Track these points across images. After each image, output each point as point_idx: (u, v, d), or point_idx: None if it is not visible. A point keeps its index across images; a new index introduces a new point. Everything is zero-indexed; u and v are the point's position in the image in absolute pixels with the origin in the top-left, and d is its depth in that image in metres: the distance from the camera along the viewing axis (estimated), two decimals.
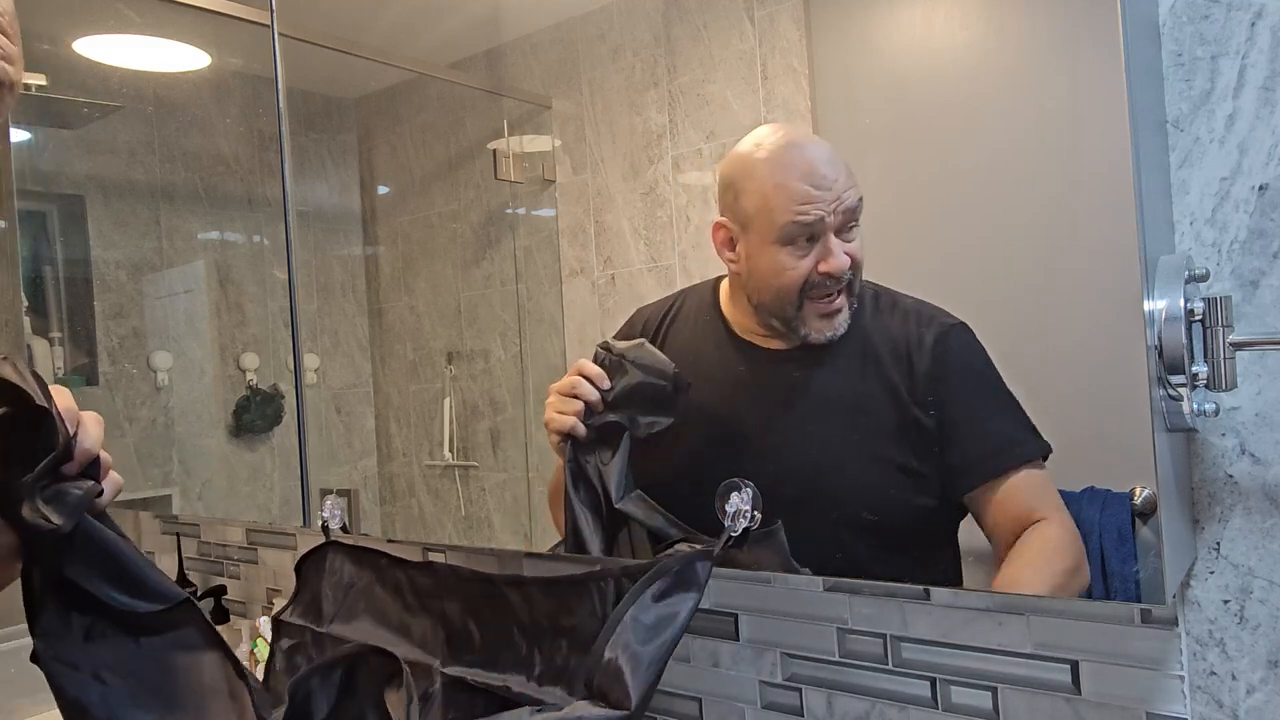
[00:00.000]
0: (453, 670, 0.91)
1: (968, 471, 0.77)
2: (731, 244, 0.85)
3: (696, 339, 0.90)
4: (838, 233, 0.79)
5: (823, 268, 0.79)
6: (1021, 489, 0.75)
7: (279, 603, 1.39)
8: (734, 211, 0.84)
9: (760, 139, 0.83)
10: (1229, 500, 0.75)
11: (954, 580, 0.80)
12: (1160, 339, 0.67)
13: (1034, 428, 0.72)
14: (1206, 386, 0.69)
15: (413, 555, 1.23)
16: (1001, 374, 0.74)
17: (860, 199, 0.79)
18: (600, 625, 0.81)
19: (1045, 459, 0.73)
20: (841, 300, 0.81)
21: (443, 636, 0.94)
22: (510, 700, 0.85)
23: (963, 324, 0.76)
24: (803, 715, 0.95)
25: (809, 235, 0.80)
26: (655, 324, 0.93)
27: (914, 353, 0.79)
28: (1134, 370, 0.66)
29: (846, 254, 0.79)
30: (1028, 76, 0.74)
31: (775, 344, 0.84)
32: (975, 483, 0.76)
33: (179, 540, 1.58)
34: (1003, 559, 0.75)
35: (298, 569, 1.10)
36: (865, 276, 0.81)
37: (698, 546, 0.77)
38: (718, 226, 0.85)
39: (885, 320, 0.80)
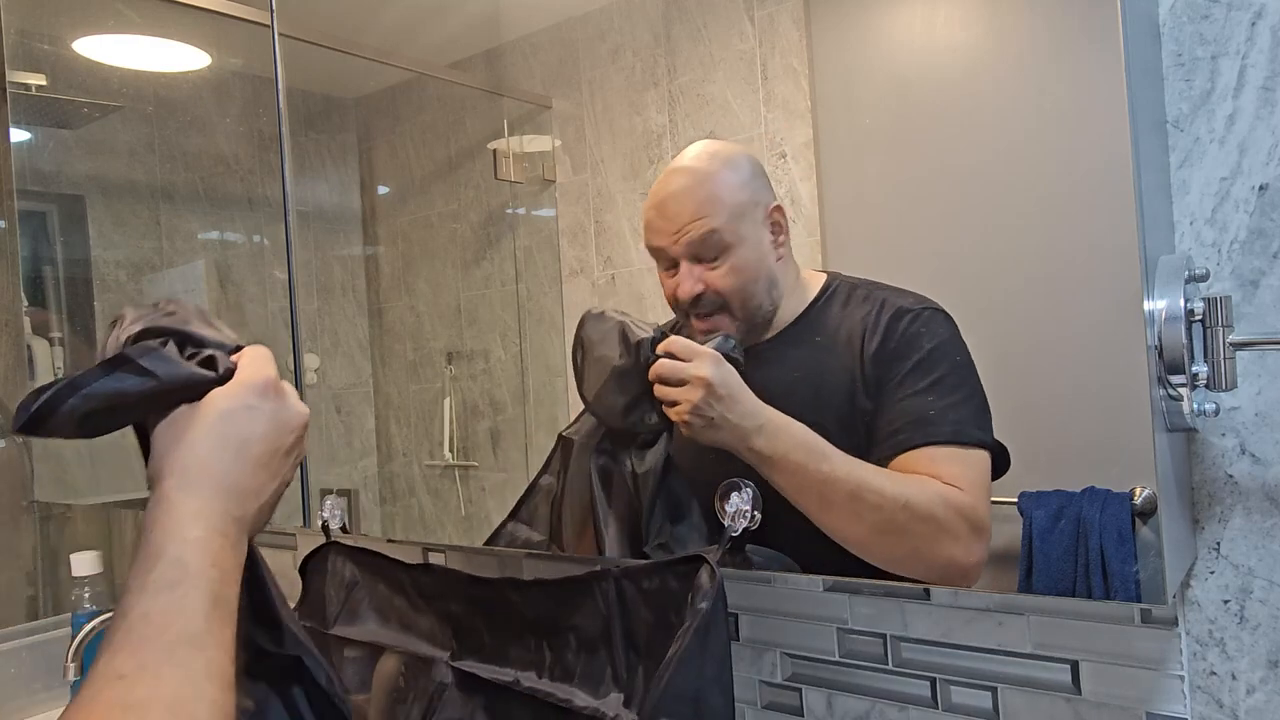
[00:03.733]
0: (462, 664, 0.91)
1: (891, 437, 0.75)
2: None
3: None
4: (694, 260, 0.81)
5: (677, 293, 0.82)
6: (943, 464, 0.72)
7: None
8: None
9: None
10: (1229, 500, 0.75)
11: None
12: (1160, 339, 0.67)
13: (977, 417, 0.71)
14: (1206, 386, 0.69)
15: (413, 555, 1.23)
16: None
17: (713, 229, 0.80)
18: (604, 624, 0.81)
19: (991, 452, 0.71)
20: (717, 321, 0.82)
21: (450, 631, 0.94)
22: (522, 694, 0.85)
23: (927, 309, 0.75)
24: (803, 715, 0.95)
25: (666, 261, 0.83)
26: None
27: (866, 335, 0.78)
28: (1134, 370, 0.66)
29: (702, 281, 0.81)
30: (1028, 76, 0.74)
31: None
32: (883, 457, 0.74)
33: None
34: None
35: (301, 570, 1.10)
36: (859, 273, 0.81)
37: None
38: None
39: (853, 310, 0.80)
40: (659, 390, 0.78)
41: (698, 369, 0.76)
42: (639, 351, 0.81)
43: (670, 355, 0.78)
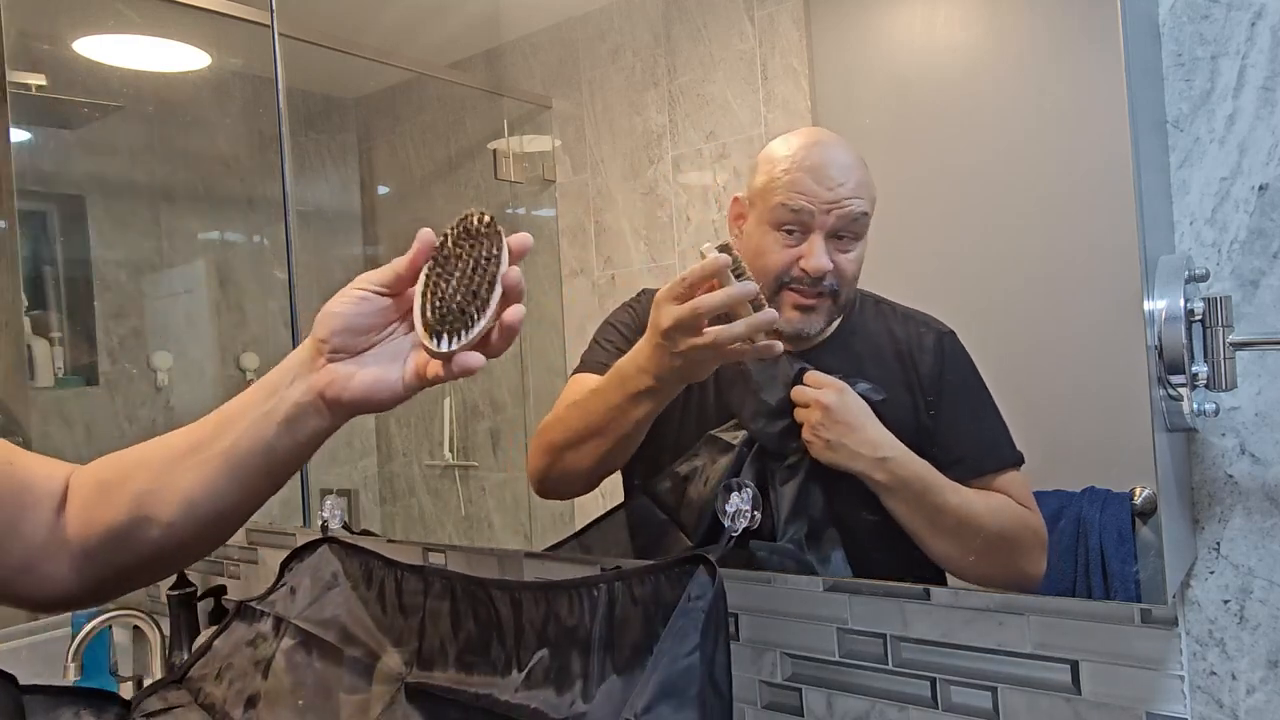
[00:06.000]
0: (418, 678, 0.91)
1: (959, 463, 0.78)
2: (741, 219, 0.86)
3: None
4: (831, 236, 0.80)
5: (802, 263, 0.80)
6: (1011, 486, 0.76)
7: None
8: (750, 187, 0.85)
9: (798, 133, 0.85)
10: (1229, 500, 0.75)
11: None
12: (1160, 339, 0.67)
13: (1011, 438, 0.75)
14: (1206, 386, 0.69)
15: (413, 555, 1.23)
16: (995, 376, 0.75)
17: (865, 212, 0.80)
18: (585, 634, 0.81)
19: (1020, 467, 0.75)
20: (820, 302, 0.82)
21: (415, 645, 0.93)
22: (490, 709, 0.84)
23: (952, 332, 0.78)
24: (803, 715, 0.95)
25: (798, 225, 0.80)
26: None
27: (915, 354, 0.80)
28: (1134, 370, 0.66)
29: (833, 261, 0.80)
30: (1028, 76, 0.74)
31: (785, 345, 0.85)
32: (964, 475, 0.78)
33: None
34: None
35: (284, 562, 1.10)
36: (867, 283, 0.81)
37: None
38: (734, 200, 0.87)
39: (888, 324, 0.82)
40: (796, 412, 0.83)
41: (819, 394, 0.81)
42: (791, 380, 0.84)
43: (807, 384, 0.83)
